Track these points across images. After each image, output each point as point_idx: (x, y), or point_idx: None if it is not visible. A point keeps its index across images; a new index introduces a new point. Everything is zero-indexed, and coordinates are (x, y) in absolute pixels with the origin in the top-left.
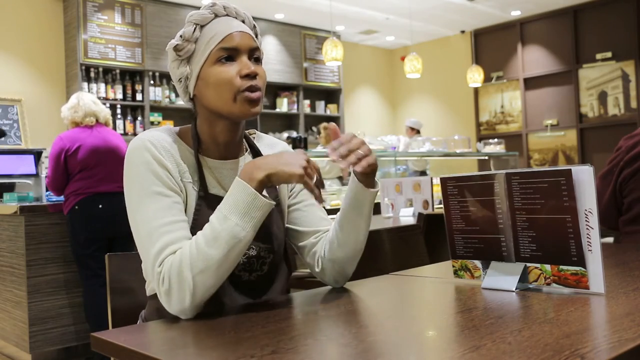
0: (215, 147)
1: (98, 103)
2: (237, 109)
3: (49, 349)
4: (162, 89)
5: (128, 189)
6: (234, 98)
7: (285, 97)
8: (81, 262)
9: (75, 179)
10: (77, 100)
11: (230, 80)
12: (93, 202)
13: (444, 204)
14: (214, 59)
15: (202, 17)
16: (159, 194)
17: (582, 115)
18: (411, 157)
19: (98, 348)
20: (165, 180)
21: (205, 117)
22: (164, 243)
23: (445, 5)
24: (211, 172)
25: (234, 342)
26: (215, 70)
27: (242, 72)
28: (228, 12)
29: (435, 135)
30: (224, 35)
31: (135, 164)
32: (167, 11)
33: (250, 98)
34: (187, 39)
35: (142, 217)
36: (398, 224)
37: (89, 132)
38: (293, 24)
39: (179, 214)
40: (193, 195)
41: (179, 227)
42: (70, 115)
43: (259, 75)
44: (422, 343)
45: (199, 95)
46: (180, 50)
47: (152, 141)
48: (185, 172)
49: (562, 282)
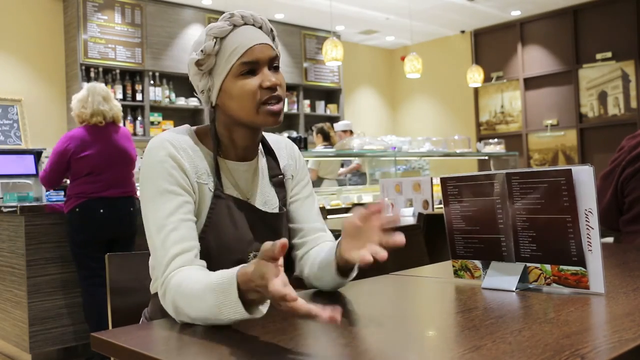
0: (234, 150)
1: (109, 99)
2: (259, 120)
3: (49, 349)
4: (162, 89)
5: (143, 185)
6: (256, 110)
7: (285, 97)
8: (79, 261)
9: (81, 181)
10: (87, 93)
11: (252, 93)
12: (95, 206)
13: (444, 204)
14: (235, 72)
15: (221, 30)
16: (171, 193)
17: (582, 115)
18: (411, 157)
19: (98, 348)
20: (179, 180)
21: (226, 123)
22: (175, 252)
23: (445, 5)
24: (228, 174)
25: (235, 342)
26: (237, 83)
27: (264, 84)
28: (246, 20)
29: (435, 135)
30: (244, 50)
31: (152, 162)
32: (167, 11)
33: (273, 111)
34: (208, 54)
35: (154, 214)
36: (398, 224)
37: (99, 135)
38: (293, 24)
39: (188, 213)
40: (208, 196)
41: (188, 227)
42: (78, 110)
43: (280, 85)
44: (422, 343)
45: (221, 105)
46: (202, 65)
47: (172, 141)
48: (203, 174)
49: (562, 282)
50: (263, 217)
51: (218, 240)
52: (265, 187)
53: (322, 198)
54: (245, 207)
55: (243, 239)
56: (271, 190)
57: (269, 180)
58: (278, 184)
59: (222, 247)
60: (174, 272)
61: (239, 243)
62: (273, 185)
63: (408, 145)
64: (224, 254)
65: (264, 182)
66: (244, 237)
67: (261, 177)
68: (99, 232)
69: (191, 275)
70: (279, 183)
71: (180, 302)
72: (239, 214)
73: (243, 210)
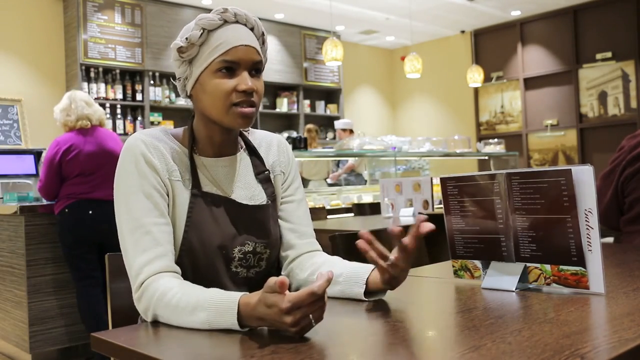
0: (211, 146)
1: (91, 103)
2: (227, 120)
3: (49, 349)
4: (162, 89)
5: (117, 184)
6: (227, 110)
7: (285, 97)
8: (71, 263)
9: (71, 183)
10: (69, 102)
11: (226, 93)
12: (84, 207)
13: (444, 204)
14: (214, 68)
15: (210, 23)
16: (143, 193)
17: (582, 115)
18: (411, 157)
19: (98, 348)
20: (151, 180)
21: (201, 117)
22: (149, 257)
23: (445, 5)
24: (205, 170)
25: (234, 342)
26: (213, 79)
27: (240, 87)
28: (238, 19)
29: (435, 135)
30: (228, 47)
31: (126, 161)
32: (167, 11)
33: (243, 113)
34: (192, 42)
35: (126, 215)
36: (398, 224)
37: (86, 137)
38: (293, 24)
39: (161, 216)
40: (185, 194)
41: (161, 231)
42: (63, 119)
43: (256, 91)
44: (422, 343)
45: (195, 97)
46: (184, 53)
47: (144, 139)
48: (175, 171)
49: (562, 282)
50: (245, 211)
51: (201, 239)
52: (251, 183)
53: (322, 198)
54: (226, 202)
55: (226, 235)
56: (257, 186)
57: (255, 177)
58: (264, 180)
59: (206, 245)
60: (151, 278)
61: (223, 239)
62: (259, 181)
63: (408, 145)
64: (209, 252)
65: (248, 178)
66: (227, 233)
67: (245, 173)
68: (88, 233)
69: (173, 287)
70: (266, 179)
71: (163, 311)
72: (219, 210)
73: (224, 206)
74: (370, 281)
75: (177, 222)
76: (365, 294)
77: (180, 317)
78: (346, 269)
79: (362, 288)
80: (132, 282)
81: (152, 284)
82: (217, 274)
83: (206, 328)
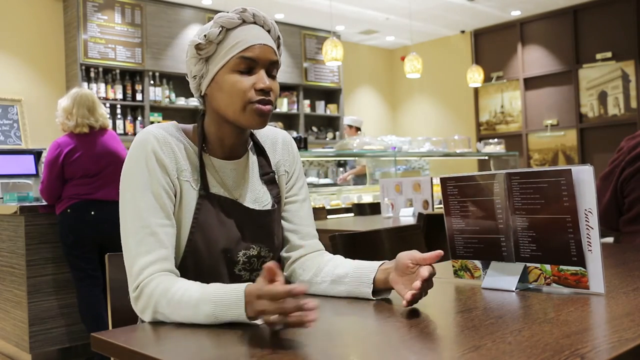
0: (221, 147)
1: (95, 109)
2: (244, 119)
3: (49, 349)
4: (162, 89)
5: (124, 179)
6: (243, 108)
7: (285, 97)
8: (71, 262)
9: (75, 183)
10: (72, 104)
11: (244, 91)
12: (86, 208)
13: (444, 204)
14: (232, 66)
15: (230, 21)
16: (152, 192)
17: (582, 115)
18: (411, 157)
19: (98, 348)
20: (160, 179)
21: (214, 117)
22: (152, 259)
23: (445, 5)
24: (214, 171)
25: (234, 342)
26: (231, 78)
27: (258, 85)
28: (256, 20)
29: (435, 135)
30: (247, 45)
31: (136, 156)
32: (167, 11)
33: (261, 110)
34: (210, 40)
35: (132, 213)
36: (398, 224)
37: (86, 139)
38: (293, 24)
39: (167, 218)
40: (192, 194)
41: (165, 233)
42: (63, 119)
43: (273, 91)
44: (422, 343)
45: (209, 96)
46: (201, 50)
47: (157, 134)
48: (184, 171)
49: (562, 282)
50: (252, 215)
51: (206, 241)
52: (256, 185)
53: (322, 198)
54: (233, 206)
55: (232, 239)
56: (262, 187)
57: (260, 178)
58: (269, 182)
59: (211, 248)
60: (151, 277)
61: (228, 243)
62: (264, 182)
63: (408, 145)
64: (213, 254)
65: (254, 180)
66: (232, 237)
67: (251, 174)
68: (90, 234)
69: (175, 282)
70: (271, 180)
71: (165, 307)
72: (226, 213)
73: (230, 209)
74: (377, 280)
75: (182, 222)
76: (373, 293)
77: (184, 311)
78: (351, 268)
79: (370, 288)
80: (131, 280)
81: (152, 281)
82: (220, 277)
83: (211, 322)
